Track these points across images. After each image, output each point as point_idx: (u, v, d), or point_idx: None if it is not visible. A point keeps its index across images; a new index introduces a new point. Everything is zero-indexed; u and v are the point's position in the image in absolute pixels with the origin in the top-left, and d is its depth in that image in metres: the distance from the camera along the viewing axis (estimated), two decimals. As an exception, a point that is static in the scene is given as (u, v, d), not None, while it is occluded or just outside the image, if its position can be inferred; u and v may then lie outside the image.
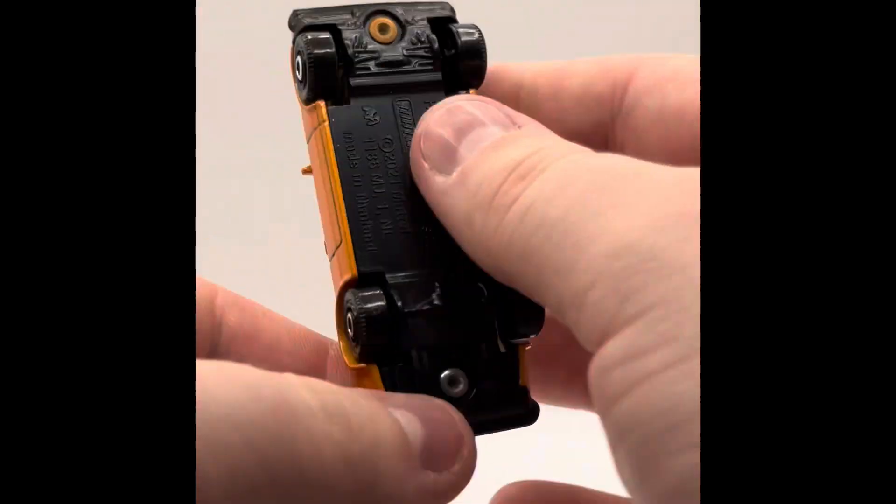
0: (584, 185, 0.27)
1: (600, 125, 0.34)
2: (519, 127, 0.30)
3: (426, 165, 0.30)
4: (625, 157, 0.28)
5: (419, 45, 0.32)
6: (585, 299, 0.25)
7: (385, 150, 0.31)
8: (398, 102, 0.32)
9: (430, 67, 0.32)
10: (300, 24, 0.32)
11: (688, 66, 0.33)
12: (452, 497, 0.29)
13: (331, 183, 0.31)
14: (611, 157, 0.28)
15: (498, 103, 0.31)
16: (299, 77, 0.32)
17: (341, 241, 0.31)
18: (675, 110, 0.33)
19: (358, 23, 0.32)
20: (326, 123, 0.31)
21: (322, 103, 0.31)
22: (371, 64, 0.32)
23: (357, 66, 0.32)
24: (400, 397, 0.29)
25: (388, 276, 0.30)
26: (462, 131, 0.30)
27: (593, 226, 0.25)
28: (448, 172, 0.29)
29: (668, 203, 0.25)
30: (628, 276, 0.24)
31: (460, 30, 0.33)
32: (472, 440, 0.30)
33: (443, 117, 0.30)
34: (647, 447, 0.23)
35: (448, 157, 0.30)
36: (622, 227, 0.25)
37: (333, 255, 0.31)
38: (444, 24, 0.33)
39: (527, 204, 0.27)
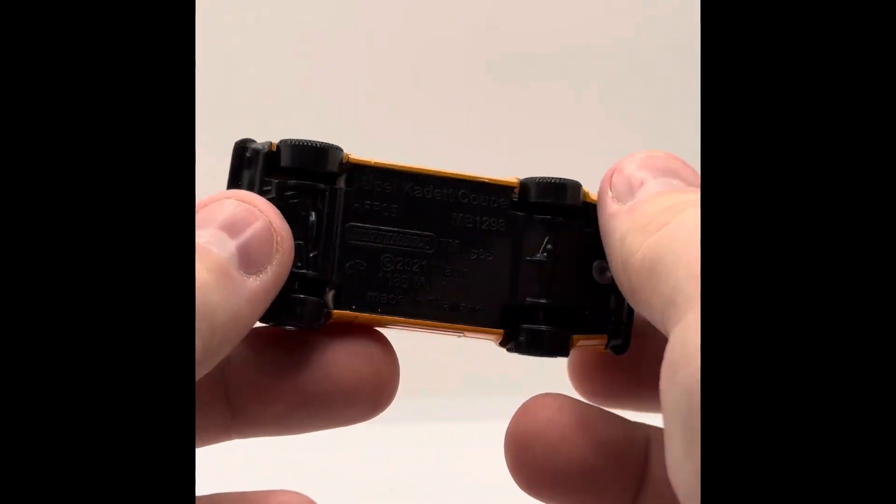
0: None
1: None
2: (698, 186, 0.32)
3: (610, 193, 0.33)
4: None
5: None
6: (677, 293, 0.27)
7: None
8: None
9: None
10: None
11: None
12: (279, 286, 0.31)
13: None
14: None
15: (690, 166, 0.33)
16: None
17: None
18: None
19: None
20: None
21: None
22: None
23: None
24: (209, 211, 0.31)
25: None
26: (651, 176, 0.33)
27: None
28: (623, 202, 0.32)
29: None
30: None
31: None
32: (279, 222, 0.31)
33: (638, 160, 0.33)
34: (694, 417, 0.24)
35: (630, 190, 0.32)
36: None
37: None
38: None
39: (671, 224, 0.29)
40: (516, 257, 0.33)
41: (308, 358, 0.33)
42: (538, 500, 0.36)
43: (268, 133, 0.33)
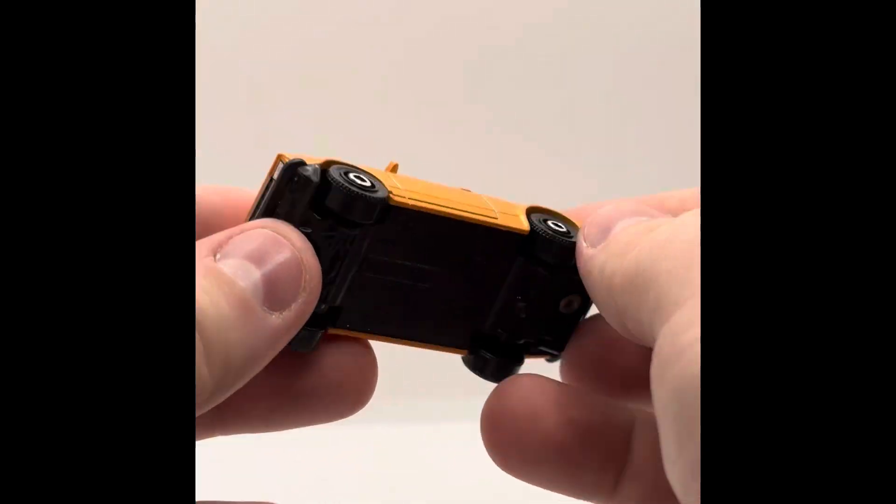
0: (688, 217, 0.30)
1: None
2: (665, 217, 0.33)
3: (584, 244, 0.34)
4: None
5: None
6: (661, 297, 0.27)
7: None
8: None
9: None
10: None
11: None
12: (300, 325, 0.31)
13: None
14: None
15: (658, 210, 0.34)
16: None
17: None
18: None
19: None
20: None
21: None
22: None
23: None
24: (237, 242, 0.30)
25: None
26: (622, 215, 0.33)
27: (680, 237, 0.28)
28: (598, 245, 0.33)
29: None
30: (693, 265, 0.27)
31: None
32: (311, 260, 0.31)
33: (607, 209, 0.34)
34: (688, 410, 0.24)
35: (602, 234, 0.33)
36: (696, 231, 0.27)
37: None
38: None
39: (645, 241, 0.30)
40: (500, 291, 0.35)
41: (294, 355, 0.33)
42: (516, 478, 0.36)
43: (263, 129, 0.33)
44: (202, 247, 0.31)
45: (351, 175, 0.32)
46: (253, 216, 0.32)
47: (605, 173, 0.81)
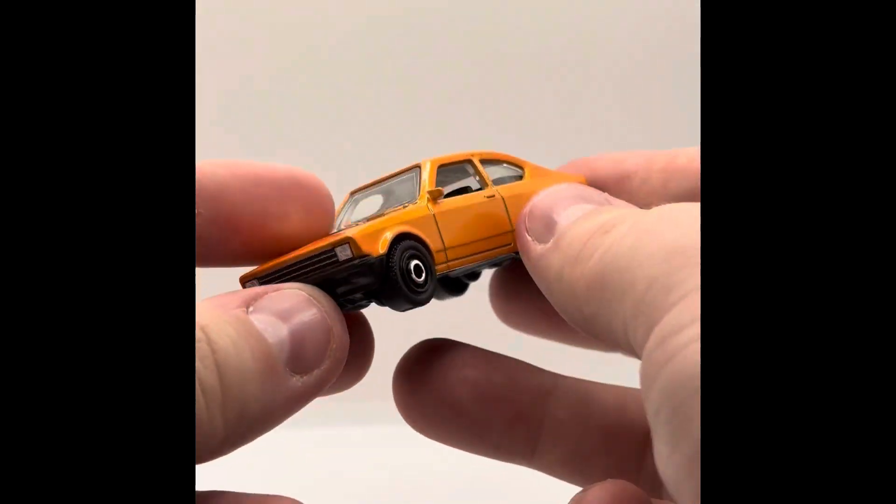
0: (649, 221, 0.30)
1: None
2: (611, 204, 0.34)
3: (529, 238, 0.34)
4: (679, 204, 0.31)
5: None
6: (643, 305, 0.27)
7: None
8: None
9: None
10: None
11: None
12: (319, 392, 0.31)
13: None
14: (668, 206, 0.31)
15: (597, 190, 0.35)
16: None
17: None
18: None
19: None
20: None
21: None
22: None
23: None
24: (271, 299, 0.31)
25: None
26: (562, 209, 0.34)
27: (652, 245, 0.28)
28: (546, 241, 0.33)
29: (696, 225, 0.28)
30: (674, 272, 0.27)
31: None
32: (341, 330, 0.31)
33: (546, 198, 0.34)
34: (680, 410, 0.25)
35: (548, 228, 0.34)
36: (671, 238, 0.28)
37: None
38: None
39: (606, 246, 0.30)
40: None
41: None
42: (429, 438, 0.38)
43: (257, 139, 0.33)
44: (236, 297, 0.31)
45: (413, 264, 0.33)
46: (288, 273, 0.33)
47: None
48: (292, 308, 0.31)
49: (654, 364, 0.26)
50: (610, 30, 0.88)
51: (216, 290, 0.37)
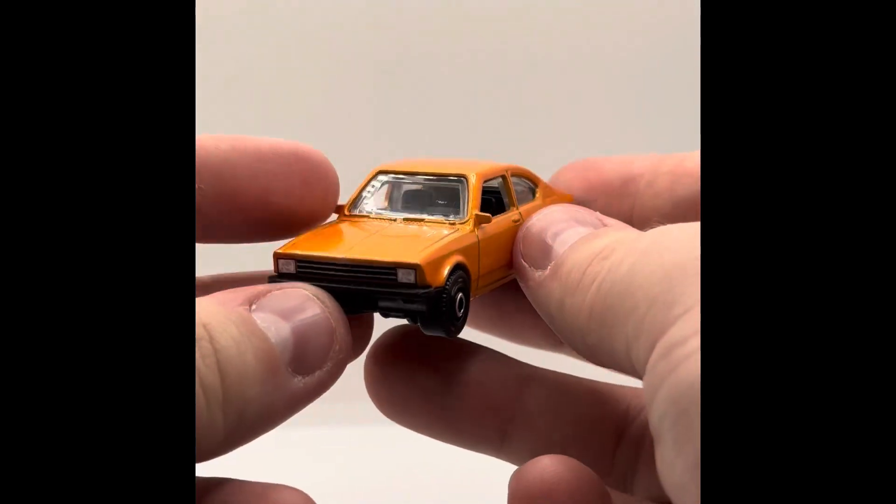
0: (645, 244, 0.30)
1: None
2: (605, 226, 0.33)
3: (525, 265, 0.34)
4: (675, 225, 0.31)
5: None
6: (644, 324, 0.27)
7: None
8: None
9: None
10: None
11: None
12: (321, 394, 0.31)
13: None
14: (663, 227, 0.31)
15: (589, 210, 0.35)
16: None
17: None
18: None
19: None
20: None
21: None
22: None
23: None
24: (275, 297, 0.30)
25: None
26: (557, 233, 0.33)
27: (650, 265, 0.28)
28: (543, 268, 0.33)
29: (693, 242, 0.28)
30: (675, 288, 0.27)
31: None
32: (344, 332, 0.31)
33: (540, 223, 0.34)
34: (685, 414, 0.25)
35: (544, 254, 0.33)
36: (669, 257, 0.28)
37: None
38: None
39: (605, 273, 0.30)
40: None
41: None
42: (398, 424, 0.38)
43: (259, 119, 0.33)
44: (239, 295, 0.30)
45: (459, 297, 0.33)
46: (333, 271, 0.32)
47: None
48: (296, 308, 0.30)
49: (658, 374, 0.26)
50: (610, 30, 0.88)
51: (217, 268, 0.36)
